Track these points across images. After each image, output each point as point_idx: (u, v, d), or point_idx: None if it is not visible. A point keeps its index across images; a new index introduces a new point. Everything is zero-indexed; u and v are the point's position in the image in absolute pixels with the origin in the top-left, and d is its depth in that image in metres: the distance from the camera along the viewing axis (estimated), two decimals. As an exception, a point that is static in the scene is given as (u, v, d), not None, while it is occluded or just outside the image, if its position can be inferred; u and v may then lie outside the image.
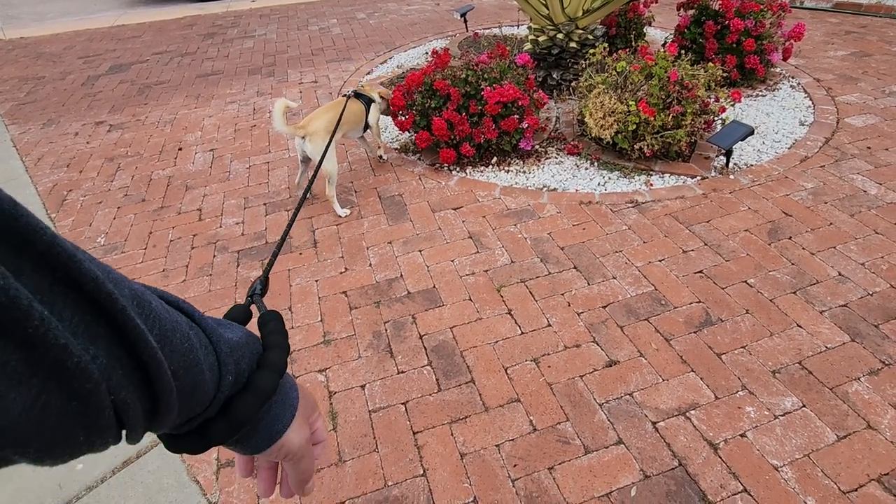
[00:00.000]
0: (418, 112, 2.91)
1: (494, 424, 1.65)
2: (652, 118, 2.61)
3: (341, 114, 2.15)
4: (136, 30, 6.82)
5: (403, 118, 2.93)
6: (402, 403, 1.74)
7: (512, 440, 1.61)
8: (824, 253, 2.19)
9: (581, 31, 3.59)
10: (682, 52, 3.71)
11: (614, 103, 2.72)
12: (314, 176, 0.99)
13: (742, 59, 3.60)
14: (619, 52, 2.87)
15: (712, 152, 2.92)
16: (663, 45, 3.61)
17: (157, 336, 0.31)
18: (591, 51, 3.03)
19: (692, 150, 2.91)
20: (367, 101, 2.76)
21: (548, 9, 3.51)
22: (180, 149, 3.52)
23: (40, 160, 3.55)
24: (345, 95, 2.66)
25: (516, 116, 2.80)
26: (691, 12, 3.80)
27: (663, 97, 2.71)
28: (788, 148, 2.96)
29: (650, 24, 4.32)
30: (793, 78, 3.83)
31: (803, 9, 5.51)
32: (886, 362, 1.73)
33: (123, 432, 0.31)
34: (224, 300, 2.23)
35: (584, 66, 3.10)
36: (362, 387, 1.81)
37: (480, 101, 2.76)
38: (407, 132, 3.03)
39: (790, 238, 2.29)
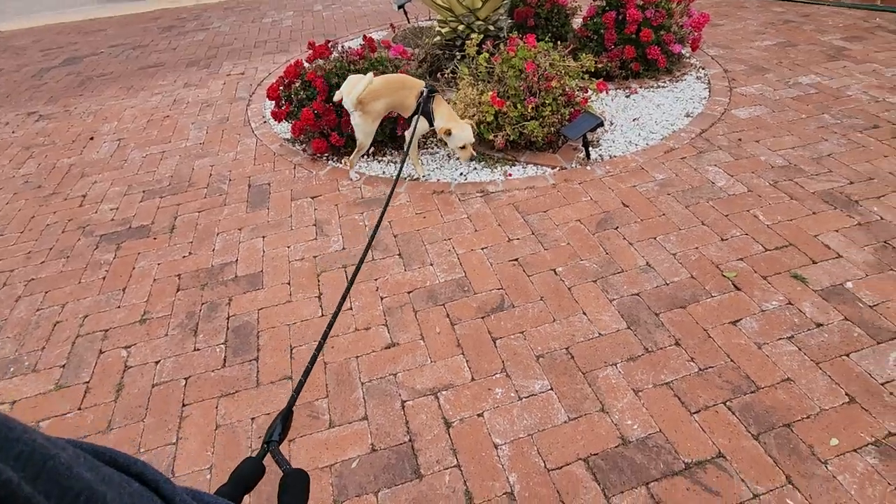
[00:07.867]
0: (294, 103, 2.99)
1: (259, 399, 1.75)
2: (503, 108, 2.64)
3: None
4: (103, 23, 7.02)
5: (279, 109, 3.01)
6: (185, 378, 1.85)
7: (268, 414, 1.70)
8: (642, 243, 2.22)
9: (481, 23, 3.61)
10: (585, 41, 3.72)
11: (475, 95, 2.76)
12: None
13: (643, 49, 3.58)
14: (486, 43, 2.90)
15: (580, 143, 2.93)
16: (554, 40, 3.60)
17: None
18: (468, 43, 3.06)
19: (562, 140, 2.93)
20: (426, 109, 2.50)
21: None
22: (91, 138, 3.68)
23: (-34, 149, 3.75)
24: (422, 90, 2.53)
25: (384, 107, 2.86)
26: (598, 2, 3.78)
27: (524, 88, 2.74)
28: (661, 140, 2.95)
29: (575, 15, 4.30)
30: (702, 69, 3.79)
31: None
32: (649, 349, 1.77)
33: None
34: (70, 280, 2.36)
35: (458, 58, 3.14)
36: (157, 362, 1.92)
37: (346, 93, 2.83)
38: (284, 122, 3.12)
39: (616, 228, 2.31)
